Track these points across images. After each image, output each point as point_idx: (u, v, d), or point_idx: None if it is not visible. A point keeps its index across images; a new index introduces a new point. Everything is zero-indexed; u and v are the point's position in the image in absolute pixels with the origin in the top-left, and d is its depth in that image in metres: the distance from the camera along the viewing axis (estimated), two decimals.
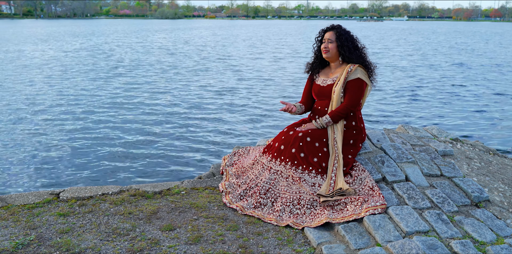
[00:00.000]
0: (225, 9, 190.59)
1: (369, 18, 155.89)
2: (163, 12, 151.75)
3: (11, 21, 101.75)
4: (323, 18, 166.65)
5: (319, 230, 2.76)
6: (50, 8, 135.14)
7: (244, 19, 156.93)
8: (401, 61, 20.22)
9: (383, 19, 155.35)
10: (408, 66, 18.07)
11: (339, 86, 3.29)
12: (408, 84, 13.24)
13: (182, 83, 13.41)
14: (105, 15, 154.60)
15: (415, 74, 15.58)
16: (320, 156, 3.15)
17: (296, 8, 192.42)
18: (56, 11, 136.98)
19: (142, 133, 7.59)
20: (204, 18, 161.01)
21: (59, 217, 3.00)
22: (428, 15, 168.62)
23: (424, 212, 2.73)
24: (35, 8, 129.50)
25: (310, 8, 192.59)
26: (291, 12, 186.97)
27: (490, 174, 3.44)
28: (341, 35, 3.33)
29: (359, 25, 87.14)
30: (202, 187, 3.58)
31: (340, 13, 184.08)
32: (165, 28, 61.85)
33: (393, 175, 3.12)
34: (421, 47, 29.03)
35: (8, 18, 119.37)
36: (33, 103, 10.09)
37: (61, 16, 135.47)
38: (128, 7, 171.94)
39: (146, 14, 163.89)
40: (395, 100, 10.92)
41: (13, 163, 6.09)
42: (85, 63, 18.39)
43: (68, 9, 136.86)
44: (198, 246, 2.66)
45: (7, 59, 19.81)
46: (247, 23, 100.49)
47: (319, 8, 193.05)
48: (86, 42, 31.31)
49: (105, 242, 2.69)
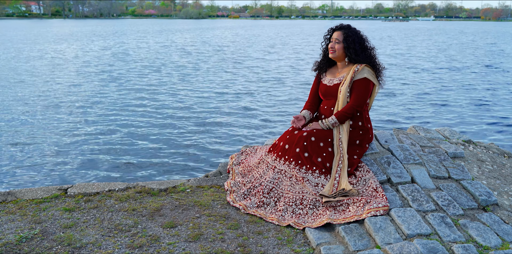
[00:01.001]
0: (248, 9, 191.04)
1: (394, 18, 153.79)
2: (188, 12, 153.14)
3: (40, 20, 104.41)
4: (347, 18, 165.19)
5: (320, 231, 2.73)
6: (77, 8, 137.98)
7: (268, 19, 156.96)
8: (425, 62, 19.87)
9: (409, 19, 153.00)
10: (431, 68, 17.74)
11: (345, 86, 3.25)
12: (431, 86, 12.93)
13: (197, 83, 13.48)
14: (130, 15, 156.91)
15: (438, 77, 15.28)
16: (324, 156, 3.12)
17: (320, 8, 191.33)
18: (83, 11, 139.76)
19: (156, 132, 7.66)
20: (228, 18, 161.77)
21: (64, 212, 3.06)
22: (456, 15, 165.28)
23: (428, 215, 2.66)
24: (63, 8, 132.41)
25: (334, 8, 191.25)
26: (315, 12, 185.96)
27: (502, 178, 3.35)
28: (348, 37, 3.28)
29: (383, 25, 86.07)
30: (208, 185, 3.59)
31: (364, 13, 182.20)
32: (187, 28, 62.41)
33: (398, 176, 3.06)
34: (446, 48, 28.43)
35: (37, 18, 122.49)
36: (48, 100, 10.32)
37: (88, 16, 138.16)
38: (153, 7, 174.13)
39: (170, 14, 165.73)
40: (416, 102, 10.73)
41: (26, 158, 6.23)
42: (97, 63, 18.69)
43: (95, 9, 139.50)
44: (197, 244, 2.67)
45: (28, 57, 20.32)
46: (270, 23, 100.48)
47: (344, 8, 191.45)
48: (105, 42, 31.83)
49: (106, 237, 2.73)
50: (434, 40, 36.63)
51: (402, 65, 18.36)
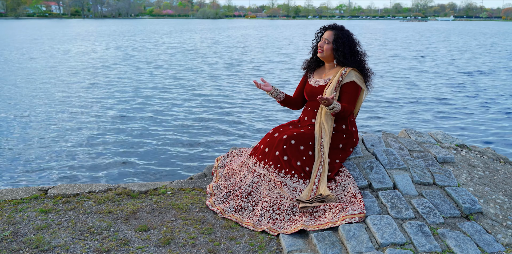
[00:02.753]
0: (265, 9, 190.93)
1: (413, 18, 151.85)
2: (205, 12, 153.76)
3: (59, 20, 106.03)
4: (364, 18, 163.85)
5: (293, 238, 2.65)
6: (96, 8, 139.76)
7: (285, 19, 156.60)
8: (440, 64, 19.52)
9: (428, 19, 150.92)
10: (444, 71, 17.42)
11: (331, 89, 3.16)
12: (449, 91, 12.45)
13: (198, 83, 13.44)
14: (148, 15, 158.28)
15: (453, 81, 14.96)
16: (304, 160, 3.03)
17: (337, 8, 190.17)
18: (102, 11, 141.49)
19: (150, 133, 7.64)
20: (245, 18, 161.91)
21: (40, 214, 3.03)
22: (476, 15, 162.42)
23: (405, 223, 2.56)
24: (82, 8, 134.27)
25: (351, 8, 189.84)
26: (332, 12, 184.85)
27: (492, 184, 3.21)
28: (339, 38, 3.18)
29: (401, 25, 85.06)
30: (190, 188, 3.53)
31: (382, 13, 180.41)
32: (202, 28, 62.57)
33: (380, 182, 2.95)
34: (467, 49, 27.88)
35: (57, 18, 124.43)
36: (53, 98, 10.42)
37: (106, 16, 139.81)
38: (171, 7, 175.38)
39: (188, 14, 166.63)
40: (423, 107, 10.52)
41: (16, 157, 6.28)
42: (99, 65, 18.81)
43: (114, 9, 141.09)
44: (166, 249, 2.61)
45: (40, 57, 20.59)
46: (286, 23, 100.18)
47: (361, 8, 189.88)
48: (115, 42, 32.09)
49: (76, 240, 2.69)
50: (452, 42, 35.98)
51: (415, 69, 18.07)
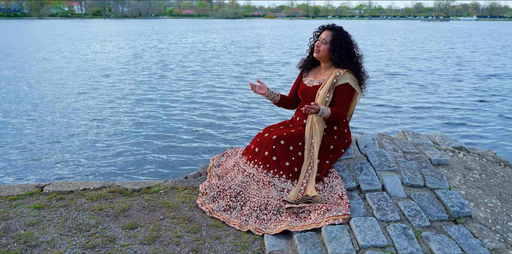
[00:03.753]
0: (285, 9, 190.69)
1: (434, 18, 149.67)
2: (224, 12, 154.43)
3: (81, 20, 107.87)
4: (385, 18, 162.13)
5: (277, 238, 2.64)
6: (117, 8, 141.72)
7: (304, 19, 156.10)
8: (457, 66, 19.19)
9: (450, 19, 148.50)
10: (461, 73, 17.11)
11: (325, 90, 3.14)
12: (460, 94, 11.90)
13: (203, 83, 13.46)
14: (168, 15, 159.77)
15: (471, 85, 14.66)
16: (293, 160, 3.02)
17: (357, 7, 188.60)
18: (123, 11, 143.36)
19: (156, 131, 7.70)
20: (264, 18, 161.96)
21: (33, 210, 3.09)
22: (500, 15, 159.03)
23: (389, 226, 2.53)
24: (103, 9, 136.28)
25: (372, 7, 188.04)
26: (352, 12, 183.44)
27: (487, 187, 3.15)
28: (336, 39, 3.15)
29: (421, 25, 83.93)
30: (183, 187, 3.55)
31: (403, 12, 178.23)
32: (219, 28, 62.81)
33: (368, 183, 2.92)
34: (488, 50, 27.32)
35: (79, 18, 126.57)
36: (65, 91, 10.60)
37: (127, 16, 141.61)
38: (191, 7, 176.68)
39: (207, 14, 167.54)
40: (437, 112, 10.35)
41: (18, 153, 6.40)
42: (103, 65, 19.03)
43: (134, 9, 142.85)
44: (150, 247, 2.64)
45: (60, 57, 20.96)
46: (305, 23, 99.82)
47: (382, 8, 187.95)
48: (129, 42, 32.45)
49: (64, 236, 2.73)
50: (472, 42, 35.33)
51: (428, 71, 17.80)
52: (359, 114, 9.23)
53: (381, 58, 20.95)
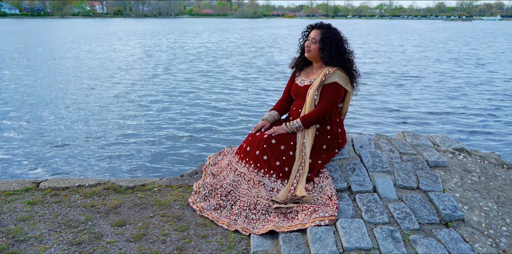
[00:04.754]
0: (304, 8, 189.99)
1: (457, 18, 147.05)
2: (243, 12, 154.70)
3: (102, 19, 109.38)
4: (406, 17, 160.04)
5: (263, 238, 2.61)
6: (138, 7, 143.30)
7: (323, 19, 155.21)
8: (476, 68, 18.79)
9: (473, 18, 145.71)
10: (479, 75, 16.74)
11: (314, 89, 3.10)
12: (478, 97, 11.42)
13: (210, 83, 13.46)
14: (188, 14, 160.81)
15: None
16: (283, 160, 2.98)
17: (377, 7, 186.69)
18: (143, 10, 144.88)
19: (154, 132, 7.71)
20: (283, 18, 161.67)
21: (26, 205, 3.12)
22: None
23: (376, 228, 2.47)
24: (124, 8, 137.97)
25: (392, 7, 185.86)
26: (372, 11, 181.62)
27: (485, 191, 3.05)
28: (325, 38, 3.11)
29: (443, 25, 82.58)
30: (177, 185, 3.55)
31: (425, 12, 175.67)
32: (236, 27, 62.89)
33: (359, 184, 2.87)
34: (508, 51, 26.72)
35: (100, 17, 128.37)
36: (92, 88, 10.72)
37: (147, 15, 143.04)
38: (210, 6, 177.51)
39: (226, 13, 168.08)
40: (450, 116, 10.13)
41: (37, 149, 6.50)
42: (115, 63, 19.16)
43: (154, 9, 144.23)
44: (136, 244, 2.64)
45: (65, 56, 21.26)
46: None
47: (403, 7, 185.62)
48: (142, 41, 32.70)
49: (52, 232, 2.75)
50: (495, 43, 34.55)
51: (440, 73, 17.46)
52: (369, 115, 9.11)
53: (399, 59, 20.67)
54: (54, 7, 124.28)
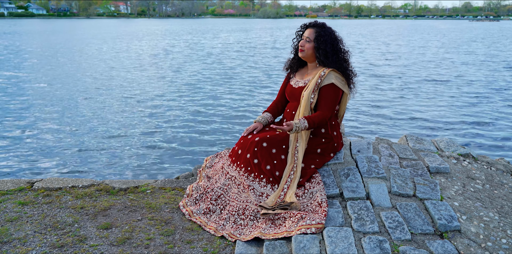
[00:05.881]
0: (327, 8, 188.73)
1: (484, 18, 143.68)
2: (265, 12, 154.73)
3: (126, 20, 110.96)
4: (431, 17, 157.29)
5: (248, 245, 2.52)
6: (161, 8, 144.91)
7: (346, 19, 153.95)
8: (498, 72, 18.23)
9: (501, 18, 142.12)
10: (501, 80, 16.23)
11: (309, 91, 2.99)
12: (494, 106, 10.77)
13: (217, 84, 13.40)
14: (210, 15, 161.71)
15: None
16: (274, 164, 2.88)
17: (402, 7, 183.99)
18: (166, 10, 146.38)
19: (156, 132, 7.69)
20: (306, 18, 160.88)
21: (17, 206, 3.11)
22: None
23: (365, 238, 2.35)
24: (148, 8, 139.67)
25: (417, 7, 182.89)
26: (397, 11, 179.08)
27: (488, 199, 2.89)
28: (320, 36, 3.00)
29: (469, 25, 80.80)
30: (170, 188, 3.49)
31: (451, 12, 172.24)
32: (257, 27, 62.80)
33: (352, 191, 2.74)
34: None
35: (124, 17, 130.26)
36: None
37: (170, 15, 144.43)
38: (233, 7, 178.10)
39: (249, 13, 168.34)
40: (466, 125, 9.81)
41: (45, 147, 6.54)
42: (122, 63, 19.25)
43: (177, 9, 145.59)
44: (119, 248, 2.58)
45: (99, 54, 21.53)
46: (347, 23, 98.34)
47: (428, 7, 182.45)
48: (156, 41, 32.89)
49: (37, 234, 2.72)
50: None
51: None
52: (382, 118, 8.91)
53: (418, 61, 20.26)
54: (80, 7, 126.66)
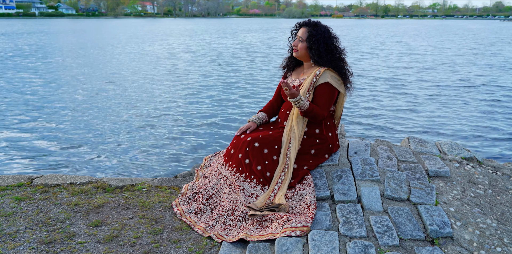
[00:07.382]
0: (353, 8, 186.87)
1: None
2: (291, 11, 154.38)
3: (153, 19, 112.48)
4: (460, 17, 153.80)
5: (233, 246, 2.48)
6: (187, 8, 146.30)
7: (373, 19, 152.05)
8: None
9: None
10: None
11: (304, 90, 2.93)
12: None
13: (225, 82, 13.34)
14: (236, 14, 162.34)
15: None
16: (265, 164, 2.84)
17: (430, 6, 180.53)
18: (192, 10, 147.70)
19: (160, 131, 7.68)
20: (331, 18, 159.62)
21: (14, 201, 3.15)
22: None
23: (350, 242, 2.28)
24: (174, 8, 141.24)
25: (446, 6, 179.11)
26: (425, 11, 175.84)
27: (488, 205, 2.77)
28: (311, 36, 2.94)
29: (499, 25, 78.65)
30: (167, 186, 3.48)
31: (481, 12, 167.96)
32: (281, 27, 62.64)
33: (343, 194, 2.67)
34: None
35: (151, 17, 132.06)
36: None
37: (196, 15, 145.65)
38: (258, 6, 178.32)
39: (274, 13, 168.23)
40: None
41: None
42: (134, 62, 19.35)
43: (203, 9, 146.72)
44: (105, 246, 2.58)
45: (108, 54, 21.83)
46: (374, 23, 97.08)
47: (457, 7, 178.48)
48: (171, 41, 33.06)
49: (28, 230, 2.75)
50: None
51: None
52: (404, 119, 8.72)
53: (439, 63, 19.79)
54: (108, 7, 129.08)
